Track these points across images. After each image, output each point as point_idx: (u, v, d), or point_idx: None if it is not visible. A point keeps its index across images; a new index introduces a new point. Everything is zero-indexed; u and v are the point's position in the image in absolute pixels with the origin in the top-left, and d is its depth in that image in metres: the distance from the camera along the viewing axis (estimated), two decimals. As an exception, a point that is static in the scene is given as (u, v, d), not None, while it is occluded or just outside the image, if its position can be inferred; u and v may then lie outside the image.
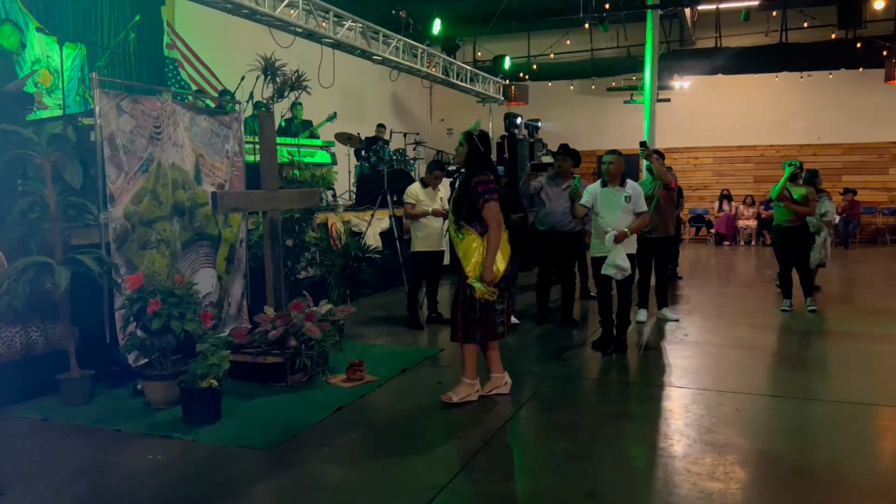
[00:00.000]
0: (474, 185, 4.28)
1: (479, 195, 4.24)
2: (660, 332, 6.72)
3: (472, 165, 4.43)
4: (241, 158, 6.16)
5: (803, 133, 16.24)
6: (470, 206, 4.28)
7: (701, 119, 16.72)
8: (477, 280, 4.22)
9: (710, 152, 17.17)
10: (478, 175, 4.32)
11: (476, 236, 4.27)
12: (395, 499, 3.14)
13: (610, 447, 3.78)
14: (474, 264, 4.24)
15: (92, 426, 4.13)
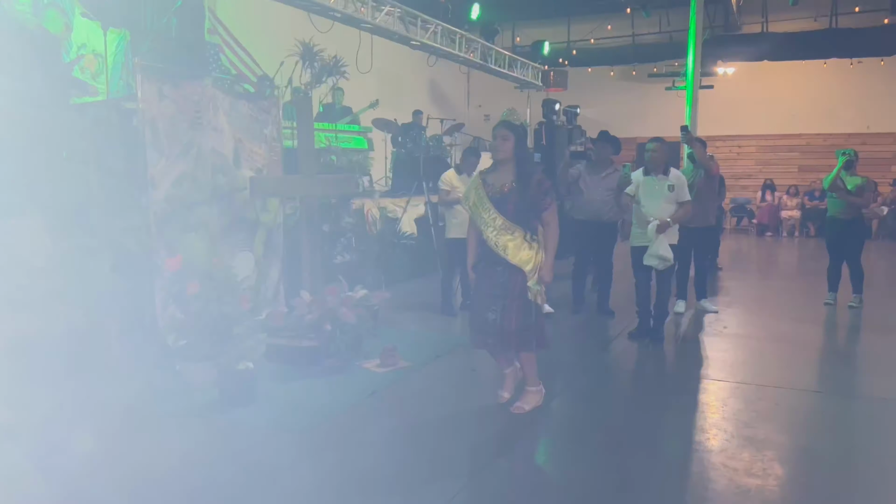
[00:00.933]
0: (537, 183, 3.95)
1: (545, 194, 3.95)
2: (698, 323, 6.61)
3: (523, 161, 4.05)
4: (279, 144, 6.21)
5: (852, 121, 15.74)
6: (530, 206, 3.95)
7: (745, 107, 16.32)
8: (536, 282, 3.94)
9: (753, 141, 16.76)
10: (537, 172, 4.06)
11: (526, 236, 3.95)
12: (429, 483, 3.15)
13: (644, 440, 3.73)
14: (531, 266, 3.93)
15: (130, 404, 4.21)
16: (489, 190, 4.00)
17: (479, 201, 4.03)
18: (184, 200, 5.13)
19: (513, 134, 3.99)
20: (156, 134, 4.90)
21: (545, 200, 3.95)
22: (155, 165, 4.90)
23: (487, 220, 3.97)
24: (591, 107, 15.68)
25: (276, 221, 6.14)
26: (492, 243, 3.94)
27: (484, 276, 4.05)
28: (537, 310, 4.00)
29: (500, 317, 3.95)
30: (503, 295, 3.94)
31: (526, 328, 3.95)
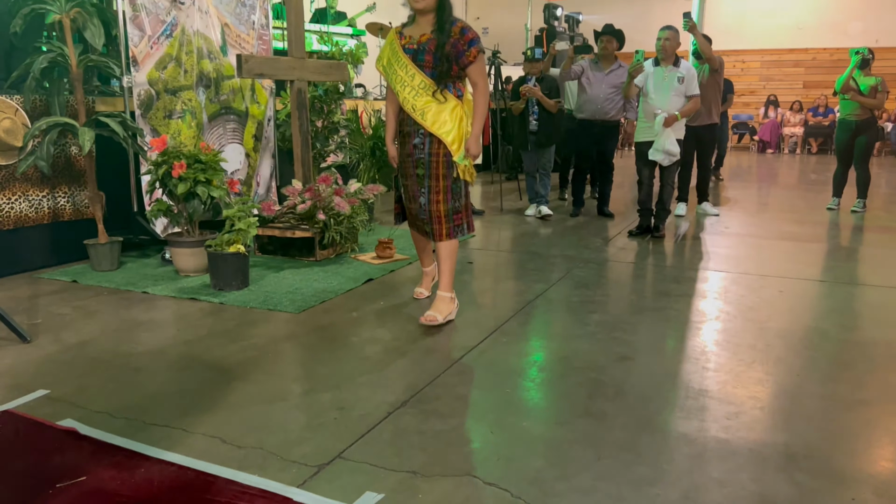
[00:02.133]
0: (461, 32, 3.28)
1: (470, 43, 3.28)
2: (699, 224, 6.49)
3: (444, 7, 3.31)
4: (268, 32, 5.91)
5: (860, 35, 15.26)
6: (452, 59, 3.29)
7: (750, 20, 15.82)
8: (462, 157, 3.36)
9: (757, 55, 16.32)
10: (458, 20, 3.33)
11: (454, 100, 3.36)
12: (425, 355, 3.06)
13: (644, 319, 3.65)
14: (457, 137, 3.35)
15: (120, 289, 4.11)
16: (405, 42, 3.38)
17: (393, 56, 3.41)
18: (168, 84, 4.89)
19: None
20: (135, 9, 4.61)
21: (469, 51, 3.28)
22: (136, 45, 4.64)
23: (404, 77, 3.35)
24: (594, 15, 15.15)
25: (267, 114, 5.91)
26: (409, 107, 3.37)
27: (405, 154, 3.49)
28: (466, 188, 3.52)
29: (425, 199, 3.43)
30: (426, 174, 3.41)
31: (455, 211, 3.47)
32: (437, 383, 2.76)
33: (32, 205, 4.46)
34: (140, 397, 2.62)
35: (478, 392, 2.71)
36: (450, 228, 3.47)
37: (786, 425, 2.43)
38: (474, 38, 3.30)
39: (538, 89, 6.41)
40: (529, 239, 5.79)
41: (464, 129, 3.37)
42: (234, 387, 2.72)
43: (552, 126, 6.56)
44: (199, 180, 4.23)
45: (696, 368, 2.96)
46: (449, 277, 3.55)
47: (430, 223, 3.47)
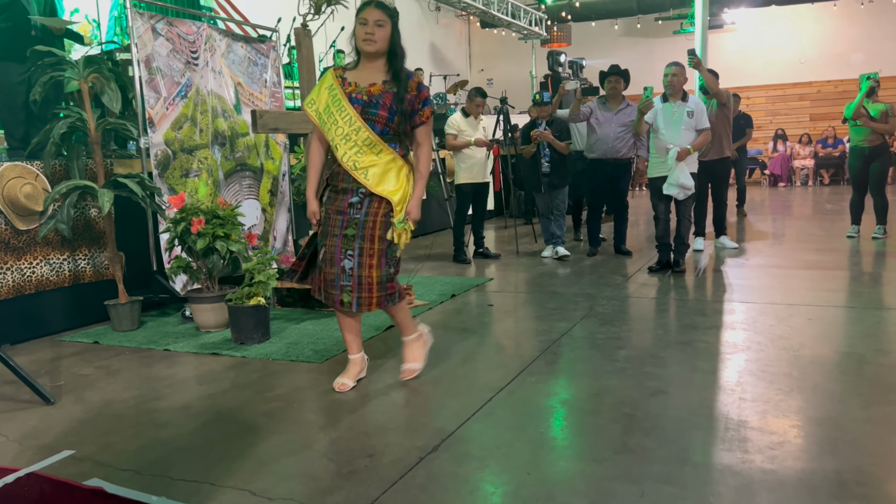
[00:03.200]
0: (418, 88, 2.99)
1: (425, 102, 3.00)
2: (719, 258, 6.43)
3: (399, 56, 3.00)
4: (280, 90, 6.02)
5: (863, 65, 15.32)
6: (404, 114, 2.97)
7: (752, 56, 15.99)
8: (402, 220, 3.00)
9: (762, 91, 16.44)
10: (412, 72, 3.04)
11: (396, 157, 3.00)
12: (452, 399, 3.00)
13: (675, 353, 3.57)
14: (402, 198, 3.00)
15: (142, 348, 4.09)
16: (350, 90, 2.98)
17: (333, 104, 2.98)
18: (184, 143, 4.96)
19: (390, 20, 2.99)
20: (151, 73, 4.72)
21: (424, 111, 3.00)
22: (153, 106, 4.73)
23: (346, 131, 2.93)
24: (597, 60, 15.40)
25: (281, 169, 5.98)
26: (349, 163, 2.94)
27: (334, 211, 3.03)
28: (399, 257, 3.14)
29: (356, 263, 3.00)
30: (358, 234, 2.98)
31: (389, 279, 3.07)
32: (467, 426, 2.70)
33: (53, 268, 4.48)
34: (166, 453, 2.56)
35: (510, 433, 2.64)
36: (381, 297, 3.05)
37: (833, 452, 2.34)
38: (429, 97, 3.04)
39: (549, 132, 6.46)
40: (548, 279, 5.74)
41: (408, 190, 3.03)
42: (260, 438, 2.66)
43: (564, 167, 6.59)
44: (218, 235, 4.25)
45: (732, 399, 2.88)
46: (407, 322, 3.31)
47: (357, 290, 3.00)
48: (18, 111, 5.33)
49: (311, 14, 4.72)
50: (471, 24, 17.75)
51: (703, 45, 9.85)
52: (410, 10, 14.70)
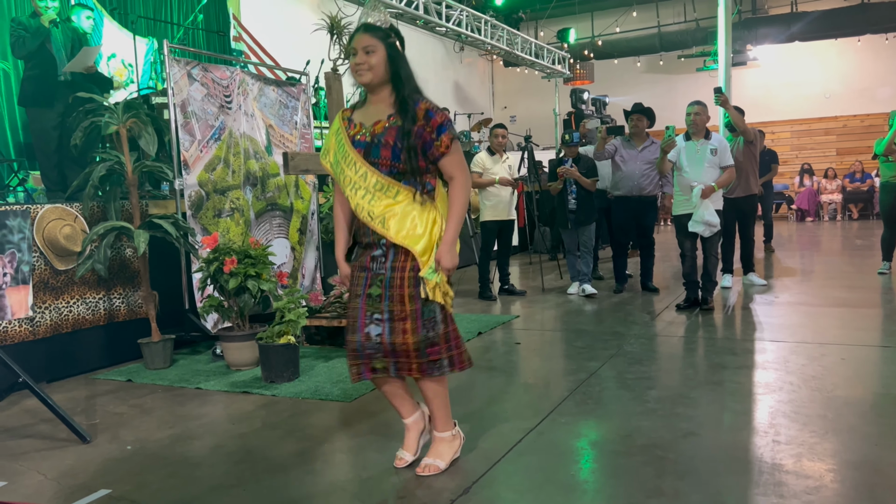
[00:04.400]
0: (426, 115, 2.51)
1: (439, 130, 2.51)
2: (747, 295, 6.37)
3: (403, 82, 2.56)
4: (309, 131, 6.16)
5: (890, 100, 15.27)
6: (417, 150, 2.52)
7: (777, 91, 16.00)
8: (432, 270, 2.51)
9: (787, 126, 16.39)
10: (423, 98, 2.58)
11: (411, 197, 2.53)
12: (481, 440, 3.00)
13: (705, 393, 3.54)
14: (428, 246, 2.52)
15: (174, 386, 4.15)
16: (354, 132, 2.59)
17: (339, 152, 2.61)
18: (217, 185, 5.09)
19: (381, 42, 2.54)
20: (186, 117, 4.87)
21: (440, 140, 2.52)
22: (187, 149, 4.87)
23: (354, 179, 2.54)
24: (620, 97, 15.51)
25: (311, 208, 6.08)
26: (364, 215, 2.53)
27: (357, 267, 2.63)
28: (444, 314, 2.58)
29: (386, 329, 2.54)
30: (385, 295, 2.54)
31: (428, 342, 2.54)
32: (497, 468, 2.69)
33: (89, 307, 4.59)
34: (200, 493, 2.59)
35: (541, 475, 2.63)
36: (422, 364, 2.55)
37: (871, 498, 2.30)
38: (444, 123, 2.53)
39: (575, 170, 6.51)
40: (575, 317, 5.73)
41: (436, 235, 2.54)
42: (292, 478, 2.69)
43: (591, 204, 6.62)
44: (250, 274, 4.32)
45: (766, 442, 2.84)
46: (443, 413, 2.72)
47: (393, 356, 2.57)
48: (52, 154, 5.53)
49: (342, 58, 4.85)
50: (494, 63, 18.01)
51: (728, 82, 9.88)
52: (435, 50, 14.99)
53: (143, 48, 8.18)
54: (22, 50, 5.30)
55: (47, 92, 5.35)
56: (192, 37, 8.39)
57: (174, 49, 4.95)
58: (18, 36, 5.26)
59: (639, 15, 15.59)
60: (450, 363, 2.61)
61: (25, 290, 4.20)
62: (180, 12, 8.89)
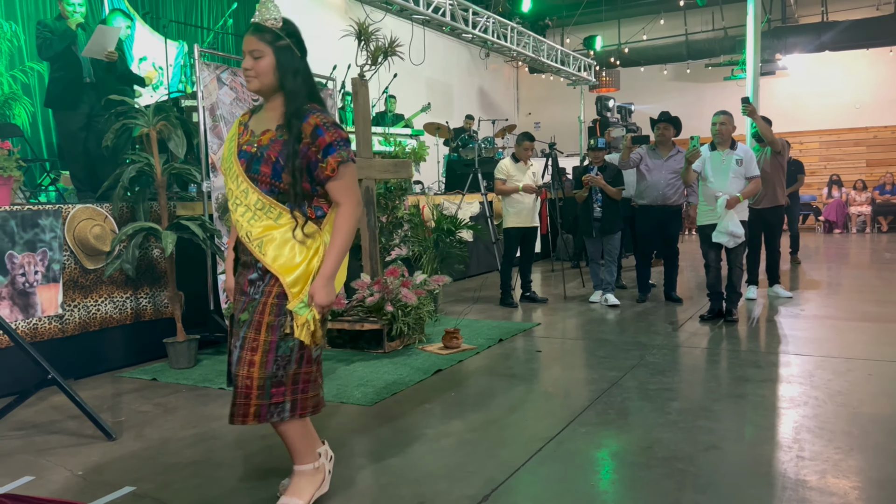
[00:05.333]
0: (314, 132, 2.24)
1: (327, 150, 2.23)
2: (772, 307, 6.30)
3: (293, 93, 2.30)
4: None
5: (922, 111, 15.07)
6: (298, 169, 2.25)
7: (806, 101, 15.80)
8: (304, 305, 2.23)
9: (816, 136, 16.18)
10: (315, 111, 2.28)
11: (293, 224, 2.26)
12: (500, 448, 3.00)
13: (728, 406, 3.51)
14: (303, 276, 2.24)
15: (198, 386, 4.20)
16: (244, 140, 2.36)
17: (227, 161, 2.39)
18: (244, 187, 5.14)
19: (270, 46, 2.28)
20: (215, 120, 4.94)
21: (326, 162, 2.24)
22: (215, 152, 4.93)
23: (236, 193, 2.32)
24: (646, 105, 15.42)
25: (334, 212, 6.12)
26: (243, 233, 2.30)
27: (238, 290, 2.39)
28: (302, 353, 2.28)
29: (236, 359, 2.29)
30: (249, 321, 2.27)
31: (275, 381, 2.26)
32: (517, 476, 2.69)
33: (116, 306, 4.66)
34: (222, 493, 2.63)
35: (560, 486, 2.62)
36: (261, 407, 2.25)
37: (898, 518, 2.26)
38: (334, 143, 2.23)
39: (601, 178, 6.49)
40: (597, 325, 5.71)
41: (315, 266, 2.26)
42: (313, 481, 2.70)
43: (616, 213, 6.59)
44: (274, 277, 4.36)
45: (789, 457, 2.81)
46: (301, 445, 2.42)
47: (233, 395, 2.28)
48: (79, 156, 5.62)
49: (369, 65, 4.90)
50: (519, 69, 18.02)
51: (755, 92, 9.79)
52: (460, 55, 15.04)
53: (174, 51, 8.33)
54: (48, 52, 5.41)
55: (73, 94, 5.45)
56: (222, 41, 8.52)
57: (204, 53, 5.01)
58: (45, 38, 5.36)
59: (666, 22, 15.51)
60: (292, 407, 2.30)
61: (56, 287, 4.28)
62: (210, 16, 9.03)
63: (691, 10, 14.77)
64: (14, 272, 4.04)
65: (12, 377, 3.94)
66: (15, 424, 3.48)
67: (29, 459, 3.00)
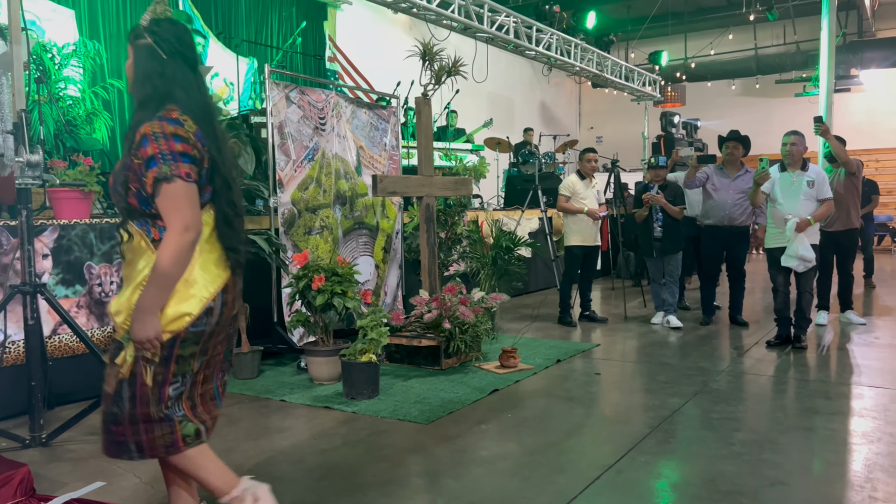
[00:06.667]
0: (140, 142, 2.03)
1: (148, 163, 2.01)
2: (844, 334, 6.05)
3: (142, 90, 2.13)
4: (397, 152, 6.31)
5: None
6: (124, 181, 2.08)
7: (882, 118, 15.18)
8: (127, 337, 2.06)
9: (893, 154, 15.52)
10: (157, 119, 2.06)
11: (147, 244, 2.09)
12: (558, 474, 2.98)
13: (796, 439, 3.39)
14: (126, 305, 2.08)
15: (260, 397, 4.31)
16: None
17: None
18: (309, 203, 5.27)
19: (131, 45, 2.16)
20: (283, 138, 5.08)
21: (147, 175, 2.02)
22: (282, 168, 5.07)
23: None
24: (712, 121, 15.09)
25: (395, 228, 6.21)
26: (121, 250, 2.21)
27: None
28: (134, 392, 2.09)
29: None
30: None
31: (112, 418, 2.12)
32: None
33: (185, 315, 4.82)
34: (282, 507, 2.68)
35: (618, 515, 2.59)
36: (107, 442, 2.15)
37: (980, 570, 2.14)
38: (156, 155, 2.00)
39: (661, 196, 6.38)
40: (658, 348, 5.60)
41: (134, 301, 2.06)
42: (370, 499, 2.74)
43: (677, 232, 6.46)
44: (336, 292, 4.45)
45: (861, 498, 2.70)
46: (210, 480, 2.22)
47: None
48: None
49: (433, 84, 4.97)
50: (582, 84, 17.89)
51: (829, 109, 9.46)
52: (523, 70, 15.04)
53: (244, 67, 8.60)
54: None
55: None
56: (290, 59, 8.76)
57: (274, 73, 5.17)
58: None
59: (735, 37, 15.16)
60: (138, 448, 2.11)
61: (129, 297, 4.46)
62: (279, 34, 9.31)
63: (762, 24, 14.40)
64: (91, 282, 4.24)
65: (88, 383, 4.11)
66: (90, 429, 3.63)
67: (102, 465, 3.13)
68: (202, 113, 2.14)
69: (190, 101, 2.12)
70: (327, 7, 10.44)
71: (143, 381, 2.07)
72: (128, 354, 2.06)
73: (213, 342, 2.18)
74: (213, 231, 2.16)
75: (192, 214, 2.03)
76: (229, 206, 2.18)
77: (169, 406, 2.12)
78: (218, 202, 2.15)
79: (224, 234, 2.18)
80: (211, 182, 2.12)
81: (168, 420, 2.12)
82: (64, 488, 2.87)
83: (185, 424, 2.14)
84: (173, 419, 2.13)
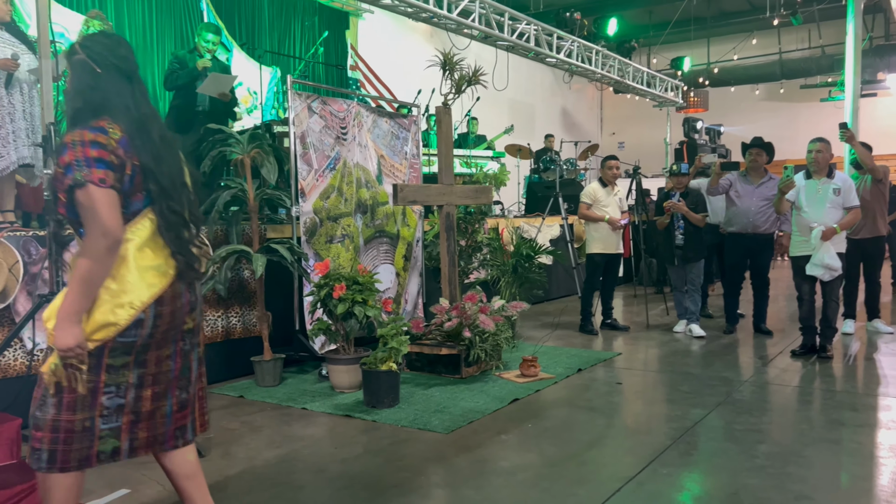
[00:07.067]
0: (62, 146, 2.04)
1: (66, 170, 2.00)
2: (871, 344, 5.96)
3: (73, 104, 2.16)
4: (418, 161, 6.33)
5: None
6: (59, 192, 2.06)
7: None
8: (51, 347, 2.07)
9: (922, 159, 15.25)
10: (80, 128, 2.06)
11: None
12: (578, 486, 2.96)
13: (821, 452, 3.34)
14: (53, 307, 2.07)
15: (282, 405, 4.34)
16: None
17: None
18: (330, 212, 5.31)
19: (67, 60, 2.19)
20: (305, 147, 5.12)
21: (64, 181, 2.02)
22: (304, 178, 5.12)
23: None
24: (735, 126, 14.94)
25: (416, 236, 6.23)
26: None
27: None
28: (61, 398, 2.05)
29: None
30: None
31: (34, 422, 2.08)
32: (594, 516, 2.65)
33: (209, 324, 4.88)
34: (303, 516, 2.70)
35: (639, 528, 2.57)
36: (28, 450, 2.13)
37: None
38: (72, 162, 1.99)
39: (683, 204, 6.33)
40: (681, 358, 5.55)
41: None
42: (390, 510, 2.75)
43: (699, 240, 6.41)
44: (357, 301, 4.48)
45: (888, 513, 2.65)
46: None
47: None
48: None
49: (453, 93, 4.99)
50: (603, 90, 17.82)
51: (854, 114, 9.32)
52: (544, 77, 15.02)
53: (268, 77, 8.70)
54: (172, 83, 5.79)
55: (187, 122, 5.79)
56: (312, 69, 8.84)
57: (296, 83, 5.22)
58: (173, 70, 5.75)
59: (759, 41, 15.00)
60: (49, 458, 2.05)
61: (154, 306, 4.52)
62: (302, 43, 9.41)
63: (786, 28, 14.25)
64: (118, 291, 4.30)
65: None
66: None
67: (127, 472, 3.17)
68: (138, 121, 2.13)
69: (124, 111, 2.12)
70: (349, 16, 10.54)
71: (73, 387, 2.04)
72: (52, 361, 2.04)
73: (150, 355, 2.14)
74: (153, 238, 2.12)
75: (108, 219, 2.00)
76: (171, 213, 2.15)
77: (104, 415, 2.08)
78: (158, 208, 2.13)
79: (168, 241, 2.14)
80: (144, 189, 2.10)
81: (89, 432, 2.07)
82: (89, 496, 2.91)
83: (106, 440, 2.10)
84: (94, 433, 2.08)
